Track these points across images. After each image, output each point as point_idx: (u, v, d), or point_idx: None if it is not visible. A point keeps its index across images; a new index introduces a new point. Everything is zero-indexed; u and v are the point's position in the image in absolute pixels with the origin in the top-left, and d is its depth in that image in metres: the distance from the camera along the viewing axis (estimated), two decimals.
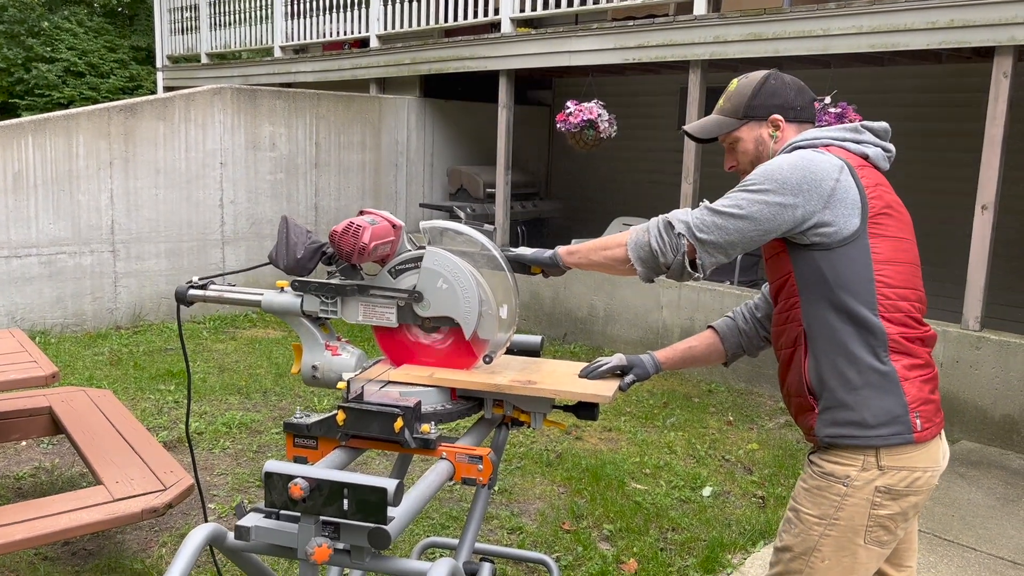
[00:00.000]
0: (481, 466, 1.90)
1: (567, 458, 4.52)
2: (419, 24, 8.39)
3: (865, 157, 1.91)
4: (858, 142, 1.93)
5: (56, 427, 3.69)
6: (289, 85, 9.92)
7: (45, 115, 6.68)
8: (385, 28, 8.80)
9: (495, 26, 7.82)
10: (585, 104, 6.93)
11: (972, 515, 3.96)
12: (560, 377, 2.11)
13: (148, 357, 6.25)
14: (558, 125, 7.04)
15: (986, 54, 5.23)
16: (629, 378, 2.12)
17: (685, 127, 2.12)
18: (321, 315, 2.10)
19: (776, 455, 4.70)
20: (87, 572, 3.23)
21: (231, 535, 1.64)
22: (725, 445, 4.86)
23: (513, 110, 7.79)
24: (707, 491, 4.19)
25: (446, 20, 8.15)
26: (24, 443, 4.54)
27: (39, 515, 2.61)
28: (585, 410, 2.12)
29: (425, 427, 1.91)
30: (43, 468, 4.26)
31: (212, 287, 2.19)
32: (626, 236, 1.93)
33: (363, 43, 9.30)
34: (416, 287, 2.06)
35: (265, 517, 1.61)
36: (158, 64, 12.63)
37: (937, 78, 7.20)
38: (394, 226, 2.08)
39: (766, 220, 1.79)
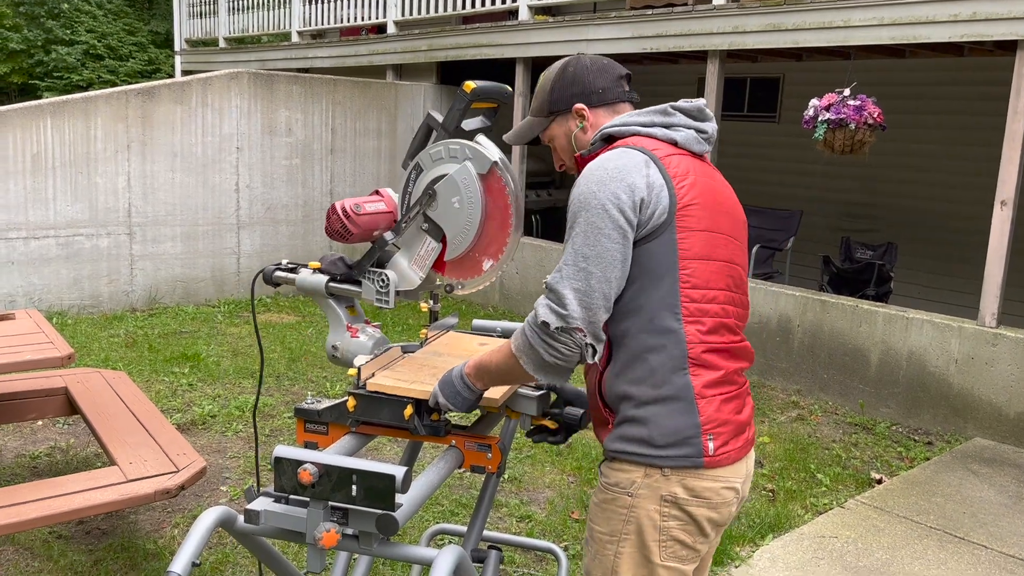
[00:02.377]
0: (490, 454, 1.90)
1: (577, 447, 4.53)
2: (436, 10, 8.36)
3: (674, 143, 1.74)
4: (667, 126, 1.75)
5: (72, 407, 3.73)
6: (306, 70, 9.93)
7: (63, 97, 6.72)
8: (403, 14, 8.78)
9: (512, 13, 7.78)
10: None
11: (984, 513, 3.94)
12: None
13: (163, 340, 6.29)
14: None
15: (1009, 47, 5.16)
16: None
17: (505, 136, 2.00)
18: (377, 303, 2.11)
19: (787, 448, 4.69)
20: (100, 551, 3.27)
21: (241, 518, 1.65)
22: None
23: (529, 98, 7.76)
24: None
25: (464, 7, 8.12)
26: (40, 423, 4.60)
27: (53, 494, 2.65)
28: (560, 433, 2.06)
29: (435, 415, 1.92)
30: (59, 448, 4.30)
31: (278, 272, 2.23)
32: (510, 356, 1.69)
33: (380, 29, 9.28)
34: (436, 188, 2.04)
35: (275, 501, 1.62)
36: (176, 48, 12.67)
37: (958, 71, 7.12)
38: (375, 192, 2.17)
39: (611, 259, 1.60)
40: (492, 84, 2.09)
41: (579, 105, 1.84)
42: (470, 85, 2.05)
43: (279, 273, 2.21)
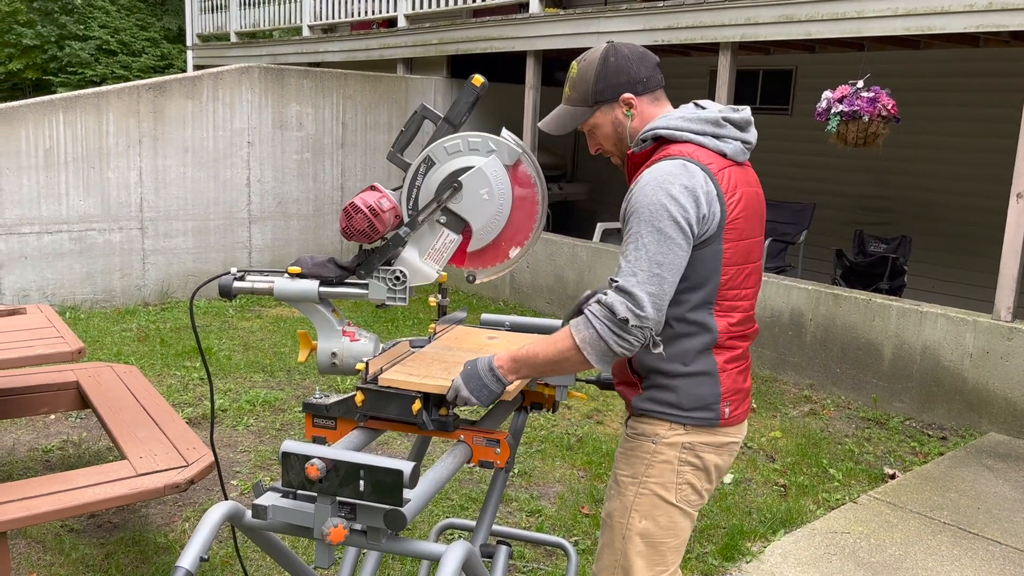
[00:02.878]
0: (499, 449, 1.89)
1: (588, 442, 4.52)
2: (447, 4, 8.34)
3: (723, 155, 1.86)
4: (718, 137, 1.87)
5: (83, 402, 3.75)
6: (317, 64, 9.93)
7: (76, 92, 6.75)
8: (413, 8, 8.76)
9: (523, 6, 7.75)
10: None
11: (998, 508, 3.90)
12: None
13: (175, 334, 6.32)
14: None
15: None
16: None
17: (540, 124, 2.03)
18: (389, 303, 2.05)
19: (799, 443, 4.66)
20: (111, 545, 3.28)
21: (249, 513, 1.65)
22: (748, 432, 4.82)
23: (540, 91, 7.74)
24: (728, 478, 4.16)
25: (474, 0, 8.10)
26: (53, 416, 4.62)
27: (64, 488, 2.65)
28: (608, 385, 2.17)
29: (443, 410, 1.91)
30: (71, 441, 4.33)
31: (261, 280, 2.08)
32: (570, 348, 1.78)
33: (391, 23, 9.27)
34: (461, 179, 2.01)
35: (282, 496, 1.62)
36: (188, 43, 12.70)
37: (974, 62, 7.05)
38: (372, 187, 2.09)
39: (678, 256, 1.76)
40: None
41: (627, 95, 1.91)
42: (479, 79, 2.04)
43: (239, 284, 2.05)
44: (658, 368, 1.88)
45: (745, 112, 1.95)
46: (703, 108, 1.93)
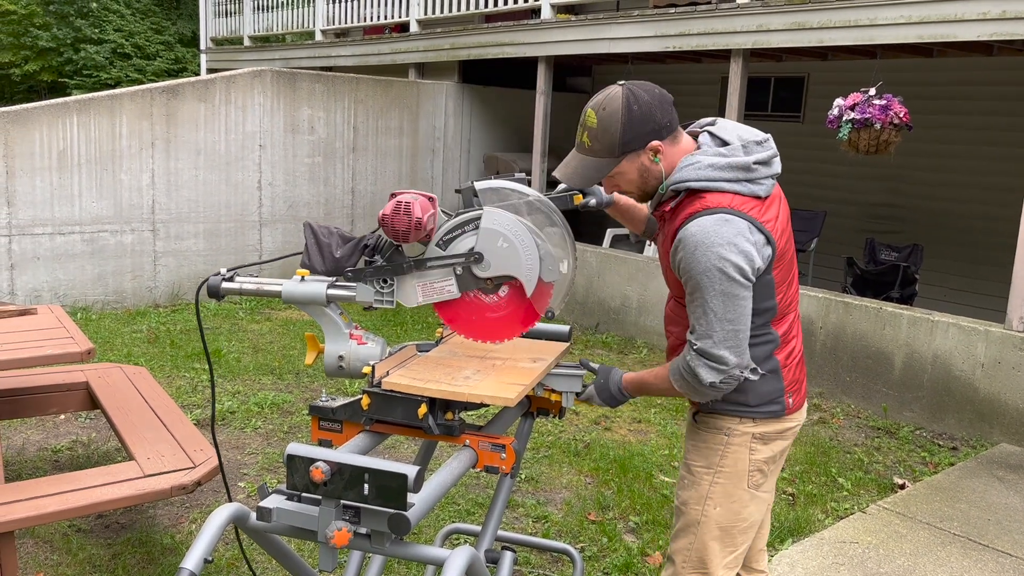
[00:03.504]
0: (504, 455, 1.89)
1: (595, 448, 4.51)
2: (459, 9, 8.36)
3: (758, 196, 1.89)
4: (751, 180, 1.89)
5: (92, 402, 3.76)
6: (329, 69, 9.97)
7: (89, 95, 6.79)
8: (425, 13, 8.79)
9: (535, 12, 7.76)
10: None
11: (1009, 520, 3.87)
12: (505, 371, 2.05)
13: (185, 336, 6.34)
14: None
15: None
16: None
17: (557, 174, 2.00)
18: (376, 305, 2.05)
19: (808, 452, 4.63)
20: (119, 545, 3.29)
21: (254, 515, 1.65)
22: None
23: (551, 97, 7.74)
24: None
25: (486, 5, 8.11)
26: (63, 417, 4.64)
27: (71, 488, 2.67)
28: None
29: (448, 414, 1.90)
30: (80, 442, 4.35)
31: (238, 279, 2.09)
32: (673, 390, 1.99)
33: (403, 28, 9.30)
34: (475, 248, 2.01)
35: (287, 499, 1.62)
36: (202, 46, 12.77)
37: (987, 71, 7.01)
38: (430, 199, 2.06)
39: (745, 307, 1.86)
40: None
41: (655, 143, 1.92)
42: (580, 198, 2.13)
43: (227, 285, 2.04)
44: None
45: (770, 147, 1.95)
46: (725, 143, 1.91)
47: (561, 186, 2.14)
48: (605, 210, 2.26)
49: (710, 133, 1.96)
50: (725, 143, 1.92)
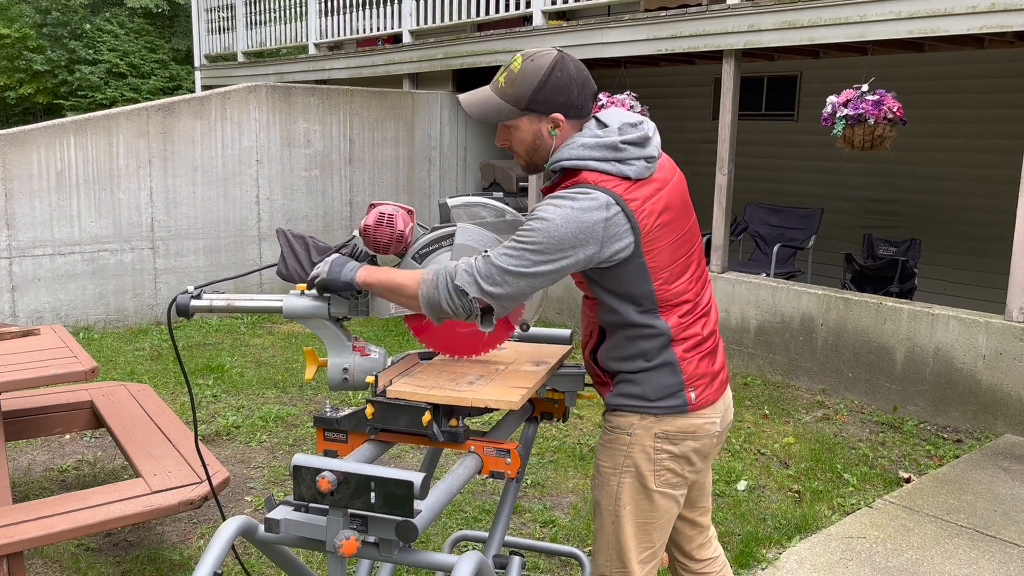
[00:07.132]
0: (509, 459, 1.90)
1: None
2: (451, 19, 8.40)
3: (627, 177, 1.87)
4: (620, 160, 1.87)
5: (97, 421, 3.77)
6: (324, 82, 10.00)
7: (86, 115, 6.82)
8: (417, 23, 8.82)
9: (527, 19, 7.80)
10: (617, 96, 6.89)
11: (1016, 511, 3.87)
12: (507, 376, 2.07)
13: (187, 352, 6.35)
14: None
15: None
16: None
17: (461, 98, 2.00)
18: (351, 315, 2.06)
19: (813, 449, 4.64)
20: (128, 563, 3.30)
21: (262, 528, 1.66)
22: (761, 439, 4.81)
23: None
24: (742, 485, 4.15)
25: (478, 14, 8.15)
26: (68, 436, 4.65)
27: (79, 507, 2.67)
28: None
29: (453, 421, 1.91)
30: (86, 461, 4.35)
31: (206, 295, 2.05)
32: (416, 285, 1.91)
33: (396, 39, 9.33)
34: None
35: (294, 510, 1.63)
36: (196, 64, 12.81)
37: (979, 64, 7.03)
38: (409, 212, 2.08)
39: (552, 274, 1.84)
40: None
41: (558, 116, 1.92)
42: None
43: (196, 303, 2.00)
44: (623, 368, 1.98)
45: (643, 129, 1.93)
46: (605, 125, 1.93)
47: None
48: None
49: (596, 118, 1.96)
50: (605, 126, 1.93)
